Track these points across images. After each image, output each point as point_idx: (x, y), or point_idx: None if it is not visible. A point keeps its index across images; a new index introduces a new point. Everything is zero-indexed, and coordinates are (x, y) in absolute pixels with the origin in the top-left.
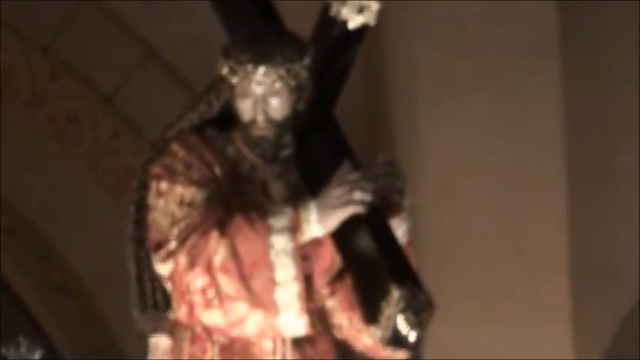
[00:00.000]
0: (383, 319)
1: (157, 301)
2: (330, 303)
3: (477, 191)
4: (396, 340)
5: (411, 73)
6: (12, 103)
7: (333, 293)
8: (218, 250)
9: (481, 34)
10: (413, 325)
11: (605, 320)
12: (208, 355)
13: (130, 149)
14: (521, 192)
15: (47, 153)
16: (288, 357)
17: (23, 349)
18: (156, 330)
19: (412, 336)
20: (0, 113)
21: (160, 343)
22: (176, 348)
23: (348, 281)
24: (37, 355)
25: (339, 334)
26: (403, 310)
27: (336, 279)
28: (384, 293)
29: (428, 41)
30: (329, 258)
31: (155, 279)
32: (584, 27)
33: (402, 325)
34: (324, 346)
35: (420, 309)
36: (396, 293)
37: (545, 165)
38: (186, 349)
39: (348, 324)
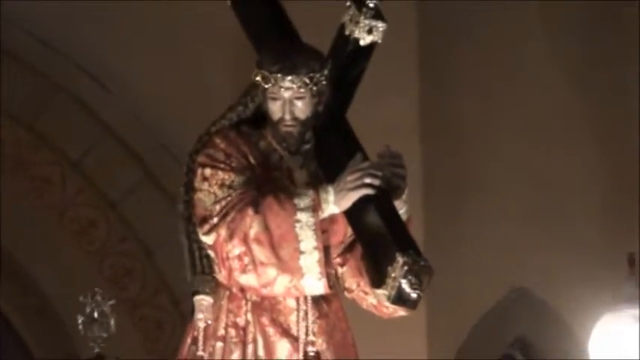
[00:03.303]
0: (389, 281)
1: (203, 266)
2: (342, 270)
3: None
4: (400, 298)
5: None
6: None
7: (344, 262)
8: (253, 225)
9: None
10: (414, 286)
11: (454, 334)
12: (243, 310)
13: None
14: None
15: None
16: (309, 312)
17: None
18: (207, 290)
19: (414, 295)
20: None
21: (203, 301)
22: (216, 305)
23: (356, 252)
24: None
25: (348, 295)
26: (406, 274)
27: (346, 251)
28: (390, 260)
29: None
30: (342, 233)
31: (201, 249)
32: (444, 104)
33: (406, 285)
34: (336, 305)
35: (420, 272)
36: (400, 259)
37: None
38: (225, 305)
39: (356, 287)
